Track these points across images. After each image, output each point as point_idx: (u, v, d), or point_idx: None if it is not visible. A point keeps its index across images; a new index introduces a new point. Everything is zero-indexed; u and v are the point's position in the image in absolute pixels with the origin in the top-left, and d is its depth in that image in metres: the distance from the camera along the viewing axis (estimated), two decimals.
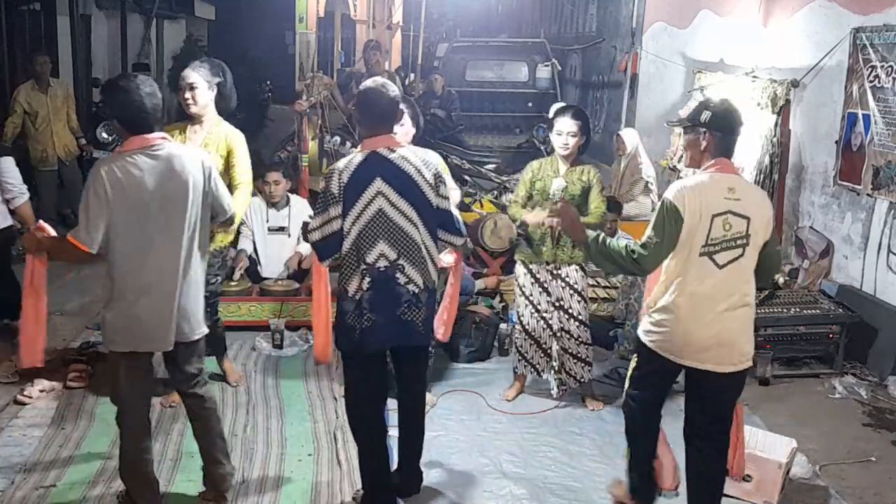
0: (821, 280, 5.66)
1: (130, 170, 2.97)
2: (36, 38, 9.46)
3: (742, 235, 3.01)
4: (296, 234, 5.83)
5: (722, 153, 3.12)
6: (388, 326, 3.16)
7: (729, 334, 3.03)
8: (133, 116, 3.02)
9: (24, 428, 4.02)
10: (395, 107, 3.28)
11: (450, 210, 3.31)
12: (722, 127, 3.12)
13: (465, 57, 11.17)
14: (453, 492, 3.63)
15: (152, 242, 3.01)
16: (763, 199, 3.15)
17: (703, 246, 3.00)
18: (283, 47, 15.03)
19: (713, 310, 3.01)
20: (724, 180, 3.06)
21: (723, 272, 3.01)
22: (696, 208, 2.99)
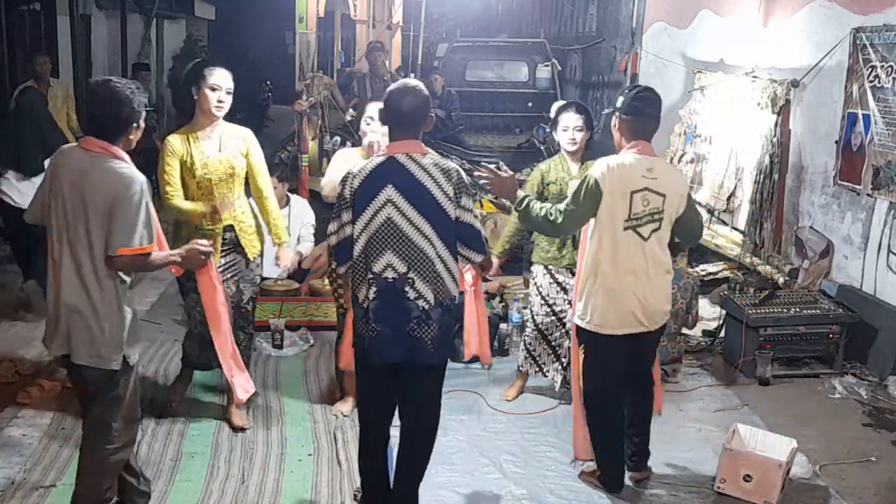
0: (821, 280, 5.66)
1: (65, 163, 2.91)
2: (36, 38, 9.45)
3: (658, 210, 3.36)
4: (296, 234, 5.83)
5: (638, 135, 3.42)
6: (396, 341, 3.02)
7: (656, 296, 3.42)
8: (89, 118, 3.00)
9: (24, 428, 4.02)
10: (422, 110, 3.07)
11: (472, 223, 3.08)
12: (633, 111, 3.42)
13: (465, 57, 11.16)
14: (453, 492, 3.63)
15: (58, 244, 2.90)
16: (678, 179, 3.56)
17: (625, 220, 3.33)
18: (283, 47, 15.04)
19: (644, 276, 3.38)
20: (644, 161, 3.37)
21: (648, 243, 3.37)
22: (615, 185, 3.31)
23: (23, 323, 5.42)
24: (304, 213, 5.87)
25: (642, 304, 3.39)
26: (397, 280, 2.99)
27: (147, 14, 12.14)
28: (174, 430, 4.04)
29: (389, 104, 3.08)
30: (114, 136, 2.92)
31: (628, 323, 3.41)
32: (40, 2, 9.59)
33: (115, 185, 2.84)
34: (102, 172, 2.85)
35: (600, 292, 3.39)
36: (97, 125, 2.92)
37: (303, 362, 4.98)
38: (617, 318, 3.40)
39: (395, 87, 3.13)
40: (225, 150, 3.91)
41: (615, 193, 3.31)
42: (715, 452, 3.87)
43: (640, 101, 3.43)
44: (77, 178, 2.85)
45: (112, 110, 2.89)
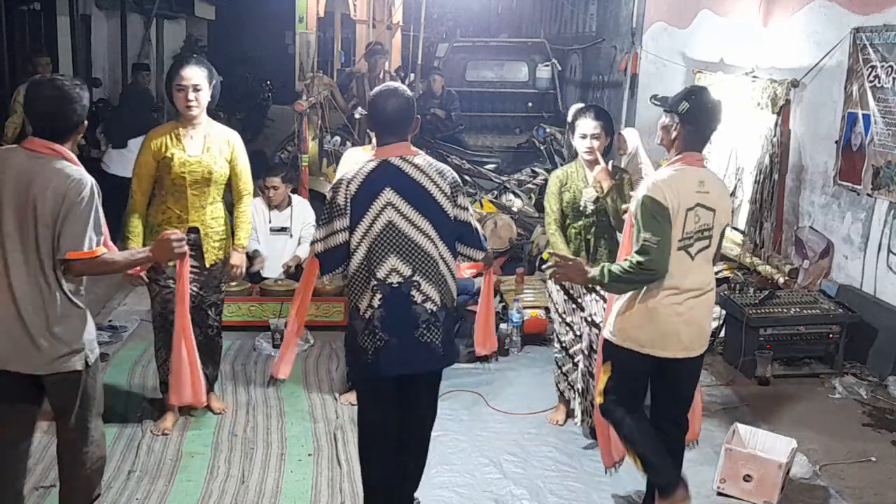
0: (821, 280, 5.66)
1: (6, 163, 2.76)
2: (36, 38, 9.46)
3: (709, 227, 3.08)
4: (297, 235, 5.84)
5: (692, 147, 3.11)
6: (405, 349, 2.91)
7: (700, 321, 3.13)
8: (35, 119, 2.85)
9: None
10: (409, 113, 3.02)
11: (469, 222, 3.06)
12: (696, 122, 3.09)
13: (465, 57, 11.16)
14: (453, 492, 3.63)
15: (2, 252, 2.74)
16: (725, 191, 3.24)
17: (679, 240, 3.03)
18: (283, 47, 15.02)
19: (688, 298, 3.08)
20: (695, 174, 3.08)
21: (695, 262, 3.08)
22: (674, 201, 3.00)
23: None
24: (305, 214, 5.87)
25: (687, 327, 3.08)
26: (402, 284, 2.90)
27: (147, 14, 12.13)
28: (174, 431, 4.04)
29: (374, 109, 3.03)
30: (62, 135, 2.81)
31: (670, 345, 3.09)
32: (40, 2, 9.60)
33: (65, 188, 2.73)
34: (52, 174, 2.74)
35: (641, 310, 3.08)
36: (45, 126, 2.79)
37: (303, 362, 4.98)
38: (656, 339, 3.08)
39: (378, 92, 3.07)
40: (207, 153, 3.83)
41: (675, 211, 3.00)
42: (715, 452, 3.87)
43: (707, 109, 3.10)
44: (25, 180, 2.72)
45: (61, 110, 2.79)
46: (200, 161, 3.81)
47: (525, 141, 10.03)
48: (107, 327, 5.29)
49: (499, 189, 8.30)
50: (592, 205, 3.95)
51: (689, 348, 3.14)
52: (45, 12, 9.71)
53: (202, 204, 3.88)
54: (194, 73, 3.74)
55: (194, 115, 3.78)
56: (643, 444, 3.18)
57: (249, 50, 14.68)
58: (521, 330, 5.27)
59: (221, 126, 4.00)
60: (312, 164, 6.86)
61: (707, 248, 3.10)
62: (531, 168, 8.63)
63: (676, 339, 3.09)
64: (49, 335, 2.77)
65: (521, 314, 5.26)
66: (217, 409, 4.27)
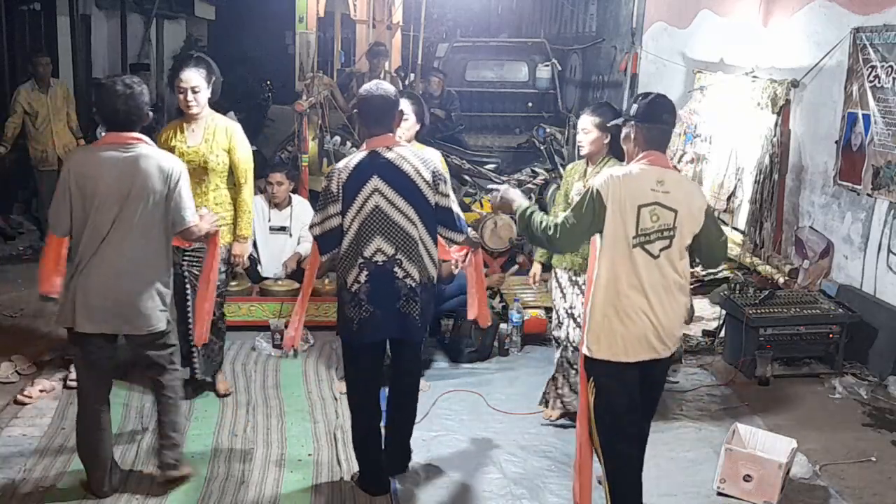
0: (821, 280, 5.66)
1: (94, 163, 3.19)
2: (36, 38, 9.45)
3: (669, 227, 3.07)
4: (297, 235, 5.83)
5: (652, 145, 3.15)
6: (387, 319, 3.34)
7: (669, 317, 3.11)
8: (107, 114, 3.24)
9: (24, 428, 4.03)
10: (392, 107, 3.39)
11: (450, 207, 3.42)
12: (648, 119, 3.15)
13: (465, 57, 11.15)
14: (453, 492, 3.63)
15: (103, 233, 3.17)
16: (693, 192, 3.19)
17: (633, 237, 3.05)
18: (283, 47, 15.01)
19: (655, 296, 3.07)
20: (654, 173, 3.09)
21: (659, 261, 3.07)
22: (620, 198, 3.04)
23: (23, 323, 5.42)
24: (305, 213, 5.86)
25: (655, 327, 3.08)
26: (386, 262, 3.31)
27: (147, 14, 12.12)
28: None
29: (362, 104, 3.41)
30: (135, 126, 3.24)
31: (642, 349, 3.09)
32: (40, 2, 9.59)
33: (170, 168, 3.23)
34: (155, 158, 3.23)
35: (610, 315, 3.08)
36: (120, 119, 3.21)
37: (303, 362, 4.98)
38: (629, 345, 3.08)
39: (363, 91, 3.42)
40: (205, 143, 4.13)
41: (621, 208, 3.03)
42: (715, 452, 3.87)
43: (656, 107, 3.19)
44: (127, 170, 3.17)
45: (133, 104, 3.21)
46: (198, 151, 4.12)
47: (525, 141, 10.02)
48: None
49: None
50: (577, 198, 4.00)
51: (659, 349, 3.12)
52: (45, 12, 9.69)
53: (203, 191, 4.16)
54: (192, 76, 4.06)
55: (194, 113, 4.12)
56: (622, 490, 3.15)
57: (249, 50, 14.66)
58: (521, 330, 5.27)
59: (224, 118, 4.28)
60: (312, 164, 6.86)
61: (669, 248, 3.08)
62: (531, 168, 8.61)
63: (646, 340, 3.08)
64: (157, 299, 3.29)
65: (521, 314, 5.26)
66: (222, 390, 4.43)
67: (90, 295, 3.20)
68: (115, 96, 3.19)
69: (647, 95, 3.25)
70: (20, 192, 8.13)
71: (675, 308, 3.14)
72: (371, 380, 3.55)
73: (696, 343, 5.45)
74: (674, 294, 3.12)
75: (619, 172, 3.11)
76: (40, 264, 3.44)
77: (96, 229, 3.18)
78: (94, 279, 3.20)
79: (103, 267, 3.19)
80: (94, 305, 3.20)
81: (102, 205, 3.16)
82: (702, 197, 3.23)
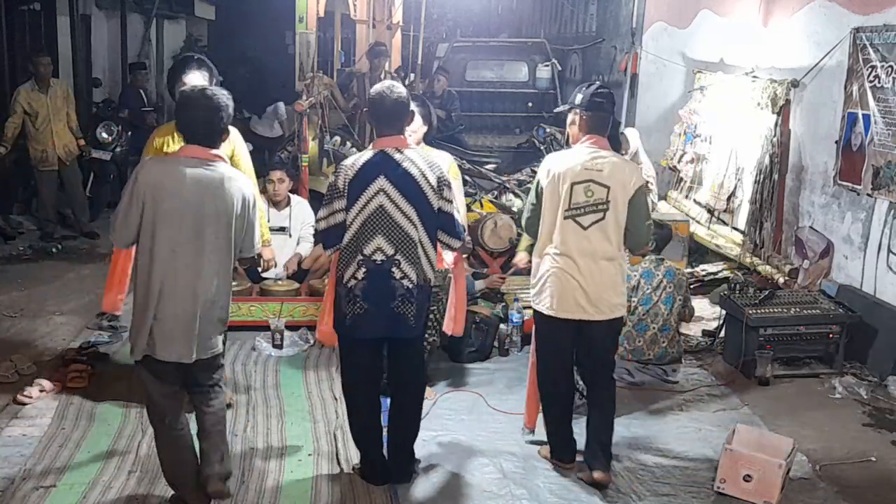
0: (821, 280, 5.67)
1: (175, 176, 3.03)
2: (36, 38, 9.44)
3: (603, 201, 3.50)
4: (296, 235, 5.83)
5: (593, 130, 3.60)
6: (380, 317, 3.36)
7: (597, 281, 3.54)
8: (188, 126, 3.12)
9: (24, 428, 4.02)
10: (403, 108, 3.41)
11: (451, 213, 3.44)
12: (594, 107, 3.59)
13: (465, 57, 11.14)
14: (453, 492, 3.63)
15: (178, 253, 3.02)
16: (628, 171, 3.57)
17: (566, 210, 3.52)
18: (283, 47, 15.00)
19: (583, 265, 3.52)
20: (590, 153, 3.55)
21: (587, 232, 3.52)
22: (555, 175, 3.54)
23: (23, 323, 5.42)
24: (304, 213, 5.86)
25: (584, 290, 3.52)
26: (385, 262, 3.33)
27: (147, 14, 12.11)
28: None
29: (374, 104, 3.42)
30: (217, 142, 3.13)
31: (571, 308, 3.55)
32: (40, 2, 9.58)
33: (245, 191, 3.15)
34: (235, 179, 3.12)
35: (545, 276, 3.59)
36: (201, 133, 3.09)
37: (303, 362, 4.98)
38: (559, 302, 3.56)
39: (375, 90, 3.43)
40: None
41: (555, 183, 3.53)
42: (715, 452, 3.87)
43: (600, 97, 3.61)
44: (214, 188, 3.04)
45: (215, 118, 3.09)
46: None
47: (525, 141, 10.01)
48: (107, 327, 5.29)
49: (499, 189, 8.29)
50: None
51: (591, 312, 3.55)
52: (45, 12, 9.69)
53: None
54: (195, 79, 3.87)
55: None
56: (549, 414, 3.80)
57: (249, 50, 14.67)
58: (521, 330, 5.27)
59: None
60: (312, 164, 6.85)
61: (602, 221, 3.51)
62: (531, 168, 8.59)
63: (574, 301, 3.54)
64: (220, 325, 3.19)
65: (521, 314, 5.26)
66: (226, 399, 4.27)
67: (168, 321, 3.03)
68: (198, 108, 3.08)
69: (591, 85, 3.67)
70: (20, 192, 8.13)
71: (603, 275, 3.55)
72: (367, 380, 3.56)
73: (696, 343, 5.45)
74: (601, 263, 3.54)
75: (556, 156, 3.65)
76: (107, 280, 3.38)
77: (170, 248, 3.01)
78: (171, 305, 3.02)
79: (180, 291, 3.03)
80: (173, 334, 3.04)
81: (180, 222, 3.00)
82: (636, 177, 3.58)
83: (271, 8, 12.92)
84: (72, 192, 7.58)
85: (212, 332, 3.15)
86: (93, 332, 5.24)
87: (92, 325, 5.36)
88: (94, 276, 6.26)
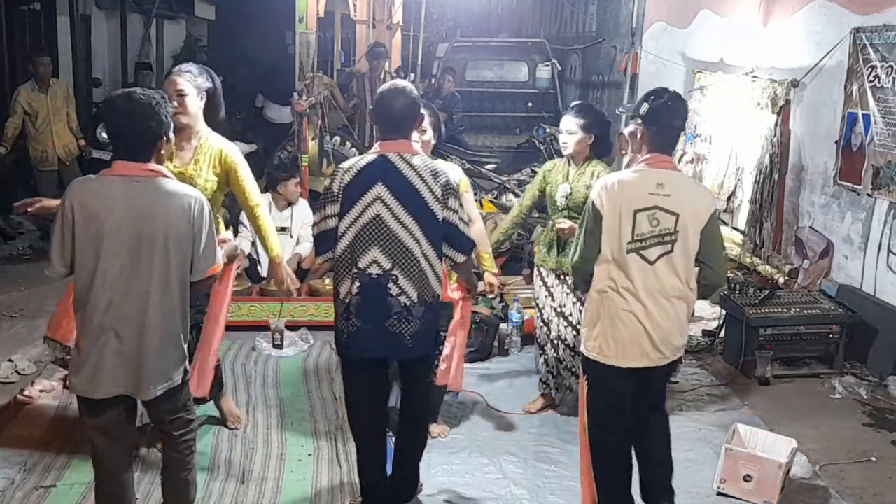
0: (821, 280, 5.66)
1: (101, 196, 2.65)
2: (36, 38, 9.44)
3: (670, 232, 2.98)
4: (297, 235, 5.83)
5: (658, 147, 3.08)
6: (374, 336, 3.08)
7: (664, 325, 3.03)
8: (114, 137, 2.74)
9: (24, 428, 4.02)
10: (413, 111, 3.16)
11: (457, 224, 3.13)
12: (658, 121, 3.07)
13: (465, 57, 11.16)
14: (453, 492, 3.63)
15: (113, 283, 2.66)
16: (698, 195, 3.09)
17: (629, 242, 2.99)
18: (283, 47, 15.00)
19: (650, 305, 3.01)
20: (653, 175, 3.02)
21: (655, 267, 3.01)
22: (615, 204, 2.99)
23: (23, 323, 5.42)
24: (304, 214, 5.87)
25: (648, 333, 3.02)
26: (381, 276, 3.04)
27: (147, 14, 12.11)
28: None
29: (380, 105, 3.15)
30: (145, 154, 2.69)
31: (635, 354, 3.05)
32: (40, 2, 9.58)
33: (189, 209, 2.71)
34: (170, 197, 2.69)
35: (604, 318, 3.07)
36: (129, 145, 2.68)
37: (303, 362, 4.98)
38: (620, 348, 3.05)
39: (385, 89, 3.18)
40: (194, 165, 3.57)
41: (615, 213, 3.00)
42: (715, 452, 3.87)
43: (668, 110, 3.08)
44: (144, 209, 2.64)
45: (143, 127, 2.66)
46: (184, 172, 3.52)
47: (525, 141, 10.03)
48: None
49: (499, 189, 8.30)
50: (564, 200, 4.11)
51: (653, 356, 3.06)
52: (45, 12, 9.69)
53: None
54: (177, 79, 3.52)
55: (182, 122, 3.49)
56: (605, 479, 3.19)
57: (249, 50, 14.66)
58: (521, 330, 5.27)
59: (219, 138, 3.68)
60: (312, 164, 6.86)
61: (670, 254, 2.99)
62: (531, 168, 8.63)
63: (640, 348, 3.04)
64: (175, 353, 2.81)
65: (521, 314, 5.26)
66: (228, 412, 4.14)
67: (106, 358, 2.68)
68: (122, 115, 2.66)
69: (661, 96, 3.12)
70: (20, 192, 8.13)
71: (672, 316, 3.05)
72: (367, 397, 3.26)
73: (696, 343, 5.45)
74: (671, 301, 3.04)
75: (612, 179, 3.05)
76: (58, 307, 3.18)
77: (105, 278, 2.64)
78: (110, 341, 2.67)
79: (120, 326, 2.67)
80: (108, 370, 2.69)
81: (111, 249, 2.63)
82: (710, 201, 3.10)
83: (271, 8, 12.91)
84: None
85: (164, 367, 2.78)
86: None
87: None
88: None
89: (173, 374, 2.83)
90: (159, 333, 2.74)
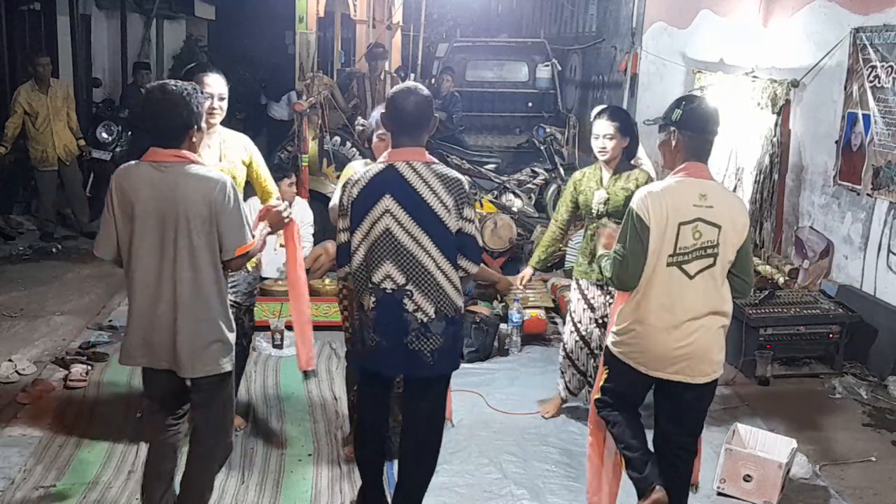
0: (821, 280, 5.67)
1: (135, 181, 2.81)
2: (36, 38, 9.45)
3: (713, 244, 2.88)
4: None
5: (694, 155, 2.95)
6: (394, 353, 2.98)
7: (700, 345, 2.92)
8: (147, 126, 2.88)
9: (24, 428, 4.02)
10: (427, 112, 3.01)
11: (474, 235, 3.00)
12: (693, 126, 2.95)
13: (465, 57, 11.16)
14: (453, 492, 3.63)
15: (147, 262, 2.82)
16: (737, 207, 2.97)
17: (670, 255, 2.88)
18: (283, 47, 15.01)
19: (684, 320, 2.90)
20: (696, 186, 2.90)
21: (694, 282, 2.89)
22: (661, 215, 2.87)
23: (23, 323, 5.42)
24: (304, 214, 5.87)
25: (684, 349, 2.91)
26: (395, 292, 2.93)
27: (147, 14, 12.12)
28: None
29: (393, 108, 3.01)
30: (176, 141, 2.83)
31: (663, 366, 2.95)
32: (40, 2, 9.59)
33: (210, 192, 2.81)
34: (193, 181, 2.81)
35: (637, 328, 2.97)
36: (158, 132, 2.83)
37: None
38: (650, 360, 2.97)
39: (398, 90, 3.05)
40: (225, 160, 3.69)
41: (661, 225, 2.86)
42: (715, 452, 3.87)
43: (702, 114, 2.97)
44: (166, 192, 2.78)
45: (173, 115, 2.80)
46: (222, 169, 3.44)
47: (525, 141, 10.03)
48: (107, 327, 5.30)
49: (499, 189, 8.30)
50: (603, 206, 3.99)
51: (688, 374, 2.94)
52: (45, 12, 9.70)
53: None
54: (220, 83, 3.62)
55: (214, 123, 3.63)
56: (629, 442, 3.08)
57: (249, 50, 14.67)
58: (521, 330, 5.27)
59: (232, 132, 3.84)
60: (312, 164, 6.85)
61: (711, 268, 2.88)
62: (531, 168, 8.62)
63: (672, 362, 2.93)
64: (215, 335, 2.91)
65: (521, 314, 5.26)
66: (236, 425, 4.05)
67: (148, 332, 2.86)
68: (154, 103, 2.81)
69: (693, 100, 3.03)
70: (20, 192, 8.14)
71: (710, 332, 2.94)
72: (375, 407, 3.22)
73: None
74: (709, 318, 2.93)
75: (656, 188, 2.93)
76: None
77: (140, 258, 2.82)
78: (151, 317, 2.84)
79: (156, 304, 2.83)
80: (155, 343, 2.86)
81: (141, 230, 2.80)
82: (746, 215, 2.98)
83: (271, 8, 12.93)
84: (72, 192, 7.58)
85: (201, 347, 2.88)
86: (93, 332, 5.24)
87: (92, 324, 5.36)
88: (94, 276, 6.25)
89: (215, 359, 2.92)
90: (192, 314, 2.85)
